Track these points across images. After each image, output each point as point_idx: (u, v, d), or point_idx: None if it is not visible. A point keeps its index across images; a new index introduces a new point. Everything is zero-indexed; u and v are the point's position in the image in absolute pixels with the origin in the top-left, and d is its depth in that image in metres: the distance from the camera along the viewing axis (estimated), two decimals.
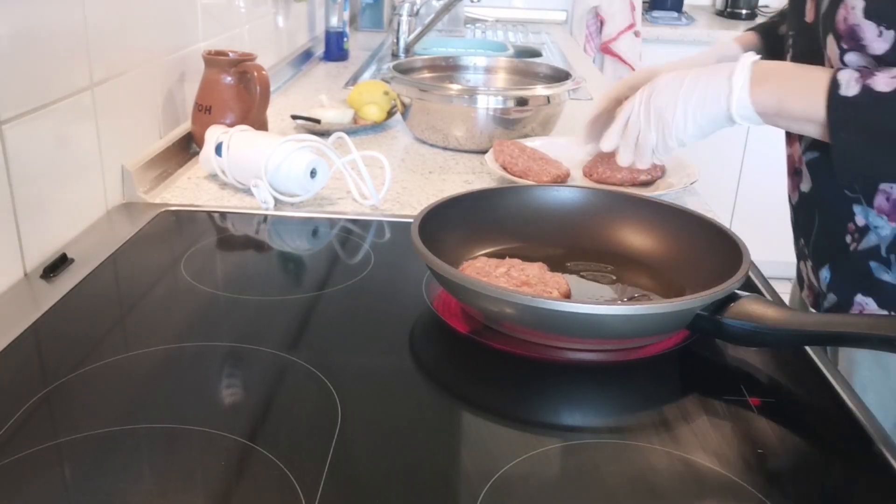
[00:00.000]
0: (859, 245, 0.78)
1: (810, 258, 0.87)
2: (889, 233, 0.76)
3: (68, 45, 0.82)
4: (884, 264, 0.77)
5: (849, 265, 0.80)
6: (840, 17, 0.71)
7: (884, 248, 0.77)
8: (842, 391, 0.62)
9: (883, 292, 0.78)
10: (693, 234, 0.78)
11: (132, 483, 0.49)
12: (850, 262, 0.80)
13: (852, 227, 0.78)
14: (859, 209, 0.77)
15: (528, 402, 0.60)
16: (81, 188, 0.87)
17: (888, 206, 0.75)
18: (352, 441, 0.54)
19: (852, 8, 0.69)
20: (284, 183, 0.96)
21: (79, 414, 0.56)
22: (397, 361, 0.64)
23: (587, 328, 0.64)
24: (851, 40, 0.70)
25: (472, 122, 1.21)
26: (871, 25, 0.68)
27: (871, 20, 0.68)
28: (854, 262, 0.79)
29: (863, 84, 0.67)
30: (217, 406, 0.58)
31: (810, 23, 0.79)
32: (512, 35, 2.51)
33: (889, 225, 0.76)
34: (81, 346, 0.64)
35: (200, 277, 0.77)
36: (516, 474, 0.52)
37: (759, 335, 0.62)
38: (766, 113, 0.74)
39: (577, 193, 0.85)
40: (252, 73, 1.09)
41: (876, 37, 0.69)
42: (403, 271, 0.80)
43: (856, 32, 0.70)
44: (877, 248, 0.77)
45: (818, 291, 0.86)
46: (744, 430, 0.57)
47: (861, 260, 0.79)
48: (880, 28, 0.68)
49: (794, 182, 0.87)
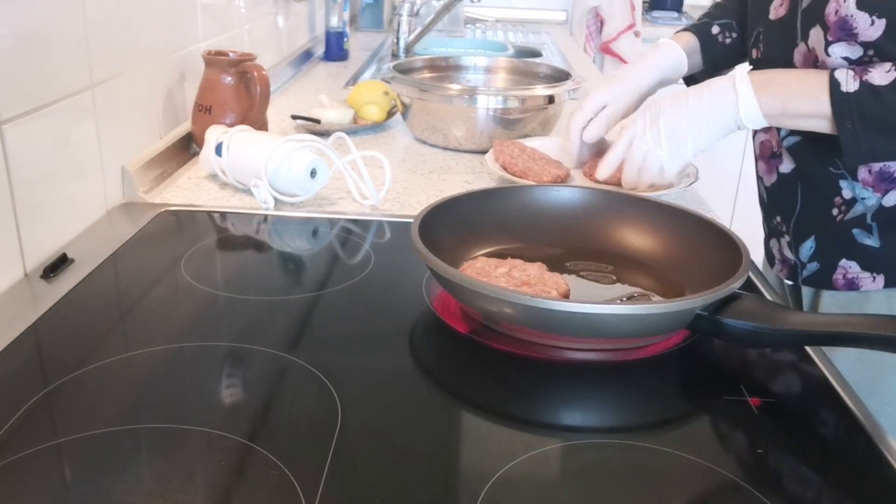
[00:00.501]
0: (846, 216, 0.87)
1: (788, 234, 0.94)
2: (875, 202, 0.85)
3: (68, 45, 0.82)
4: (866, 230, 0.86)
5: (833, 234, 0.89)
6: (830, 9, 0.78)
7: (869, 216, 0.86)
8: (842, 391, 0.62)
9: (866, 254, 0.87)
10: (693, 234, 0.78)
11: (132, 483, 0.49)
12: (835, 232, 0.88)
13: (839, 200, 0.87)
14: (845, 183, 0.86)
15: (528, 402, 0.60)
16: (81, 188, 0.87)
17: (872, 178, 0.84)
18: (352, 441, 0.54)
19: (844, 1, 0.76)
20: (284, 183, 0.96)
21: (79, 414, 0.56)
22: (397, 361, 0.64)
23: (587, 328, 0.64)
24: (841, 31, 0.78)
25: (472, 122, 1.21)
26: (864, 15, 0.76)
27: (863, 10, 0.76)
28: (839, 231, 0.88)
29: (861, 79, 0.75)
30: (217, 406, 0.58)
31: (776, 20, 0.88)
32: (512, 35, 2.51)
33: (875, 195, 0.85)
34: (81, 346, 0.65)
35: (200, 277, 0.77)
36: (516, 474, 0.52)
37: (759, 335, 0.62)
38: (772, 115, 0.82)
39: (577, 193, 0.85)
40: (252, 73, 1.09)
41: (868, 25, 0.76)
42: (403, 271, 0.80)
43: (847, 23, 0.77)
44: (862, 216, 0.86)
45: (795, 264, 0.94)
46: (744, 430, 0.57)
47: (846, 228, 0.87)
48: (872, 17, 0.76)
49: (772, 165, 0.95)
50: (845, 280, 0.90)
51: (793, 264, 0.95)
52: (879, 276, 0.88)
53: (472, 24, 2.70)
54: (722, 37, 1.06)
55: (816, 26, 0.81)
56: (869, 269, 0.88)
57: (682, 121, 0.87)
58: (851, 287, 0.89)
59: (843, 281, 0.90)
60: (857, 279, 0.89)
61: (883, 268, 0.87)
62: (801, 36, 0.84)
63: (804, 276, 0.94)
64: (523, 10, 2.94)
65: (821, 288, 0.93)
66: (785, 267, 0.97)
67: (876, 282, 0.88)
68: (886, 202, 0.84)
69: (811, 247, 0.91)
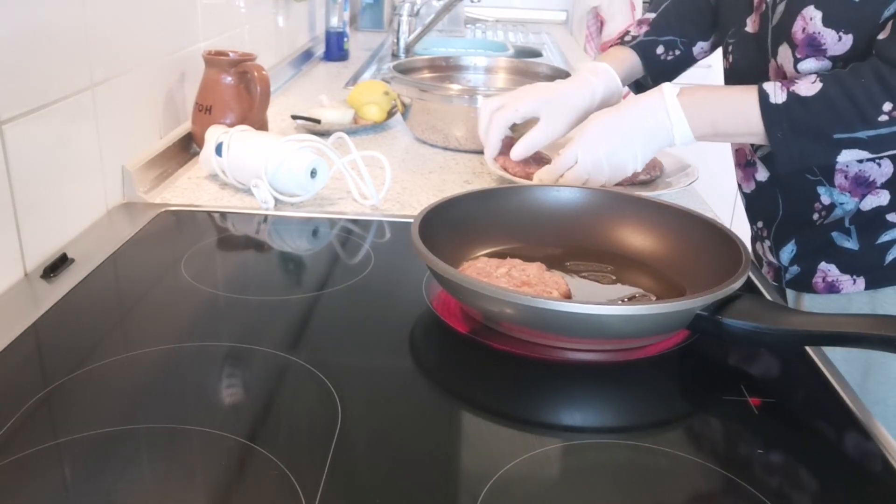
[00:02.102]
0: (825, 220, 0.88)
1: (769, 238, 0.96)
2: (853, 207, 0.86)
3: (68, 45, 0.82)
4: (845, 233, 0.88)
5: (813, 238, 0.90)
6: (797, 27, 0.80)
7: (847, 220, 0.87)
8: (842, 391, 0.62)
9: (844, 257, 0.89)
10: (693, 234, 0.78)
11: (132, 483, 0.49)
12: (815, 236, 0.90)
13: (818, 206, 0.89)
14: (823, 189, 0.87)
15: (528, 402, 0.60)
16: (81, 188, 0.87)
17: (848, 184, 0.86)
18: (352, 441, 0.54)
19: (811, 19, 0.78)
20: (284, 183, 0.96)
21: (79, 414, 0.56)
22: (397, 361, 0.64)
23: (587, 328, 0.64)
24: (809, 48, 0.80)
25: (472, 122, 1.20)
26: (831, 32, 0.78)
27: (830, 28, 0.78)
28: (818, 234, 0.89)
29: (788, 91, 0.78)
30: (217, 406, 0.58)
31: (753, 33, 0.89)
32: (512, 35, 2.51)
33: (853, 200, 0.86)
34: (81, 346, 0.64)
35: (200, 277, 0.77)
36: (516, 474, 0.52)
37: (759, 335, 0.62)
38: (704, 136, 0.86)
39: (577, 193, 0.85)
40: (252, 73, 1.09)
41: (836, 41, 0.78)
42: (403, 271, 0.80)
43: (815, 40, 0.79)
44: (841, 220, 0.87)
45: (779, 267, 0.96)
46: (744, 430, 0.57)
47: (825, 232, 0.89)
48: (839, 33, 0.78)
49: (748, 173, 0.97)
50: (825, 283, 0.91)
51: (777, 267, 0.96)
52: (860, 279, 0.89)
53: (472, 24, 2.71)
54: (665, 55, 1.06)
55: (784, 44, 0.83)
56: (848, 272, 0.89)
57: (619, 148, 0.88)
58: (831, 290, 0.90)
59: (822, 284, 0.91)
60: (837, 282, 0.90)
61: (862, 270, 0.88)
62: (772, 52, 0.86)
63: (787, 279, 0.95)
64: (523, 10, 2.94)
65: (802, 291, 0.94)
66: (771, 269, 0.98)
67: (856, 284, 0.89)
68: (864, 206, 0.86)
69: (792, 250, 0.93)
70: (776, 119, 0.79)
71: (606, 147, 0.89)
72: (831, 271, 0.90)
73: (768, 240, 0.96)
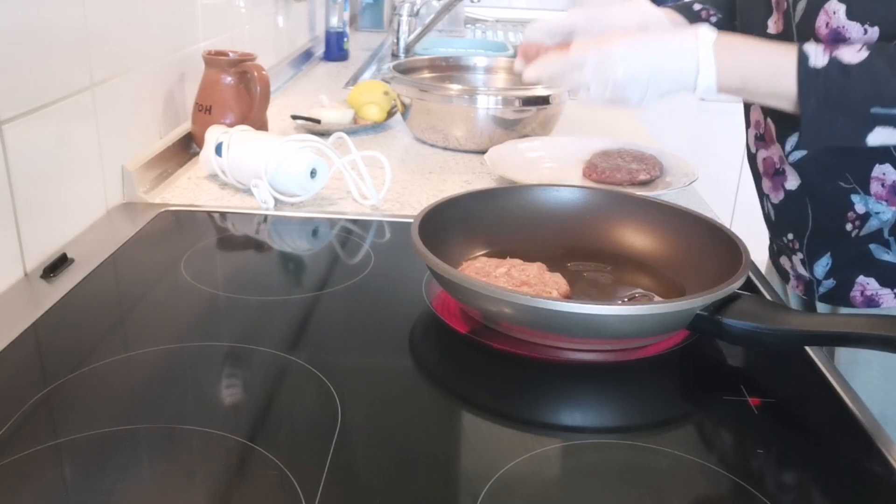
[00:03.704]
0: (861, 231, 0.83)
1: (802, 251, 0.90)
2: (891, 216, 0.81)
3: (68, 45, 0.82)
4: (884, 245, 0.82)
5: (849, 250, 0.85)
6: (821, 22, 0.76)
7: (886, 231, 0.82)
8: (842, 391, 0.62)
9: (884, 271, 0.83)
10: (693, 234, 0.78)
11: (132, 483, 0.49)
12: (851, 248, 0.84)
13: (852, 215, 0.83)
14: (857, 198, 0.82)
15: (528, 402, 0.60)
16: (81, 188, 0.87)
17: (885, 192, 0.80)
18: (352, 441, 0.54)
19: (834, 13, 0.75)
20: (284, 183, 0.96)
21: (79, 414, 0.56)
22: (397, 361, 0.64)
23: (587, 328, 0.64)
24: (834, 42, 0.75)
25: (472, 122, 1.21)
26: (856, 25, 0.74)
27: (855, 20, 0.74)
28: (855, 246, 0.84)
29: (831, 55, 0.72)
30: (217, 406, 0.58)
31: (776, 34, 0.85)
32: (512, 35, 2.51)
33: (890, 209, 0.81)
34: (81, 346, 0.64)
35: (200, 277, 0.77)
36: (516, 474, 0.52)
37: (759, 335, 0.62)
38: (729, 90, 0.77)
39: (577, 193, 0.85)
40: (252, 73, 1.09)
41: (862, 35, 0.74)
42: (403, 271, 0.80)
43: (840, 34, 0.75)
44: (879, 231, 0.82)
45: (810, 280, 0.90)
46: (744, 430, 0.57)
47: (861, 244, 0.83)
48: (864, 26, 0.74)
49: (777, 182, 0.91)
50: (864, 297, 0.86)
51: (808, 280, 0.91)
52: None
53: (472, 24, 2.71)
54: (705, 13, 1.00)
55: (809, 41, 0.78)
56: (889, 286, 0.84)
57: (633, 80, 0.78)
58: (870, 304, 0.86)
59: (861, 298, 0.86)
60: (877, 296, 0.85)
61: None
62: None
63: (820, 293, 0.90)
64: (523, 10, 2.94)
65: (838, 305, 0.89)
66: (800, 283, 0.93)
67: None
68: None
69: (827, 263, 0.88)
70: (812, 84, 0.72)
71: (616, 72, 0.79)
72: (870, 284, 0.85)
73: (800, 252, 0.90)
